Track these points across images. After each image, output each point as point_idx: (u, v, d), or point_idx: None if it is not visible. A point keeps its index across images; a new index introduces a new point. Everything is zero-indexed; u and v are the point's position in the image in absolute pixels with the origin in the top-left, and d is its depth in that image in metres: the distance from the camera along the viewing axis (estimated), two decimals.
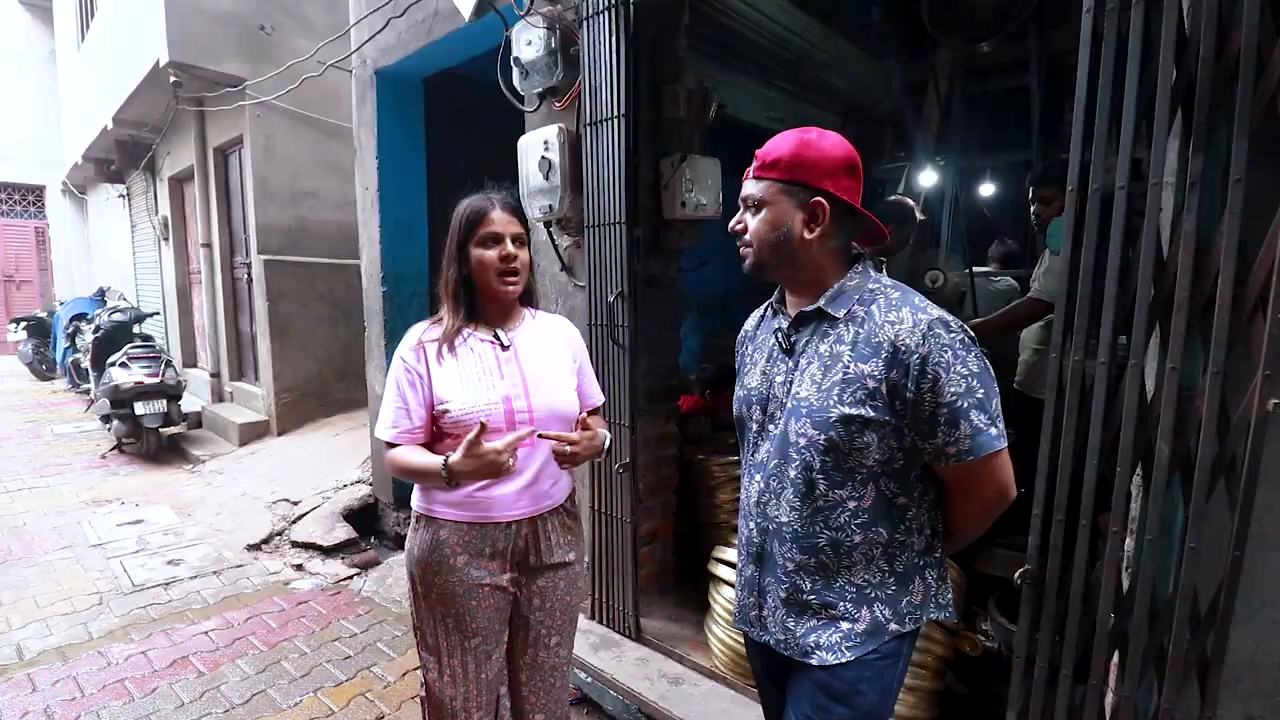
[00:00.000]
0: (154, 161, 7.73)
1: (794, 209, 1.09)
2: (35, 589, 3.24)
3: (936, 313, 1.04)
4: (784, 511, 1.14)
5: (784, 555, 1.16)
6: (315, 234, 5.94)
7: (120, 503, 4.54)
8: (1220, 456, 1.31)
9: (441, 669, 1.47)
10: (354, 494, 4.23)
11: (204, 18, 5.33)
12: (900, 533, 1.12)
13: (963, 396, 1.01)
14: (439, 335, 1.43)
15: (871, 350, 1.04)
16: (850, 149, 1.12)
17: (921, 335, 1.01)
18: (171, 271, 7.66)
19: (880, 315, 1.06)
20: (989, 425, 1.02)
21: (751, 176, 1.14)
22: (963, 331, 1.04)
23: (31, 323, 9.67)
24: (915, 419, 1.04)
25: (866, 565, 1.12)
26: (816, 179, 1.08)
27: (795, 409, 1.11)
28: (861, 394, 1.04)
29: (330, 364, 5.95)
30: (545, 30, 2.45)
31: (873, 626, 1.12)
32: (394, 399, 1.42)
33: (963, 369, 1.01)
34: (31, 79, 11.32)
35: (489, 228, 1.40)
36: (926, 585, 1.16)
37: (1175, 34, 1.30)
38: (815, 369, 1.10)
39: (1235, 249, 1.26)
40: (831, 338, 1.10)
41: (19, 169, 11.55)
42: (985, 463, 1.04)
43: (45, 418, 7.18)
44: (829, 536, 1.11)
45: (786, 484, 1.13)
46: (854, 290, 1.11)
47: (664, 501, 2.77)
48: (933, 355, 1.00)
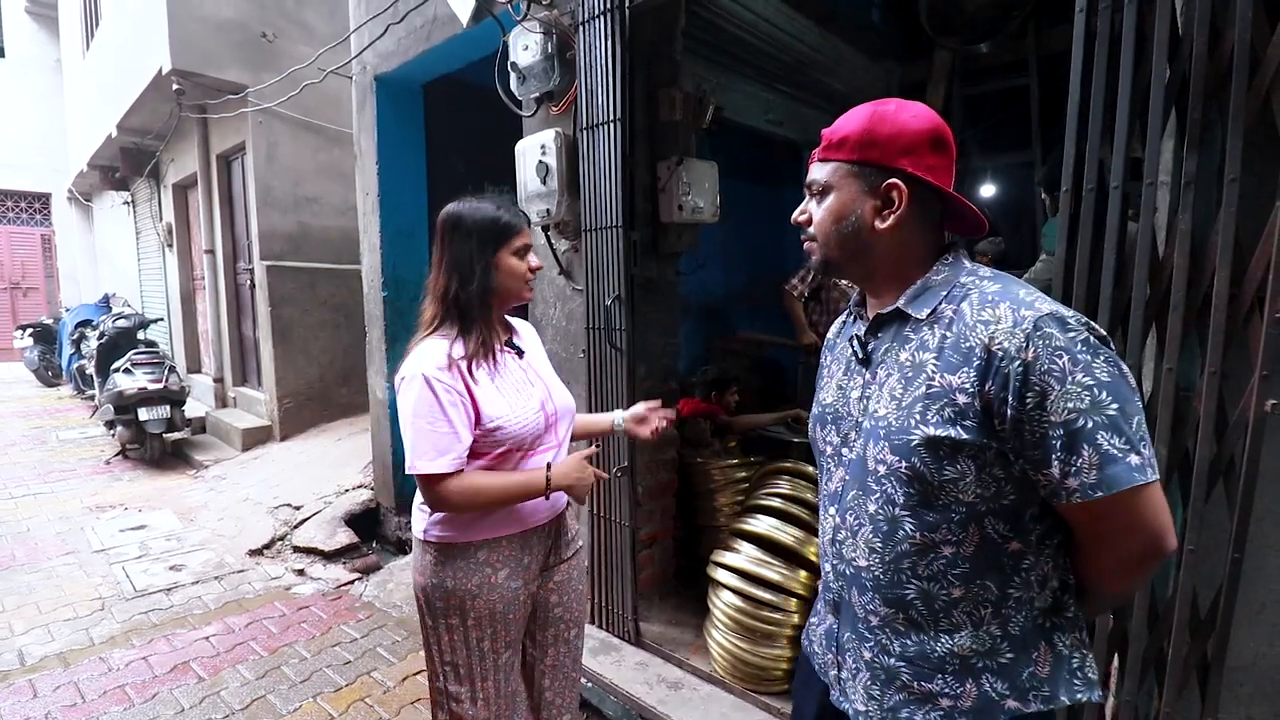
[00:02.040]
0: (158, 168, 7.78)
1: (864, 194, 0.92)
2: (38, 595, 3.25)
3: (1049, 307, 0.81)
4: (863, 554, 0.94)
5: (865, 607, 0.96)
6: (317, 239, 5.97)
7: (123, 508, 4.55)
8: (1218, 458, 1.30)
9: (475, 695, 1.43)
10: (355, 499, 4.24)
11: (206, 25, 5.37)
12: (1015, 587, 0.88)
13: (1085, 414, 0.78)
14: (465, 352, 1.35)
15: (961, 357, 0.84)
16: (937, 120, 0.92)
17: (1025, 336, 0.79)
18: (175, 277, 7.71)
19: (972, 314, 0.85)
20: (1127, 452, 0.78)
21: (817, 159, 0.97)
22: (1085, 329, 0.80)
23: (37, 329, 9.72)
24: (1021, 443, 0.82)
25: (974, 629, 0.89)
26: (892, 157, 0.90)
27: (873, 430, 0.91)
28: (950, 411, 0.84)
29: (332, 369, 5.97)
30: (542, 35, 2.46)
31: (982, 704, 0.89)
32: (436, 423, 1.29)
33: (1085, 378, 0.78)
34: (38, 87, 11.43)
35: (525, 239, 1.43)
36: (1057, 654, 0.90)
37: (1169, 32, 1.30)
38: (895, 382, 0.91)
39: (1231, 248, 1.25)
40: (914, 344, 0.90)
41: (26, 177, 11.65)
42: (1122, 500, 0.79)
43: (50, 424, 7.21)
44: (918, 588, 0.90)
45: (864, 520, 0.94)
46: (941, 285, 0.91)
47: (663, 505, 2.76)
48: (1040, 361, 0.78)
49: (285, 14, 5.70)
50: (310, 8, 5.78)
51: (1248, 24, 1.20)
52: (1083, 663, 0.91)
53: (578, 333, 2.59)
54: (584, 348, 2.52)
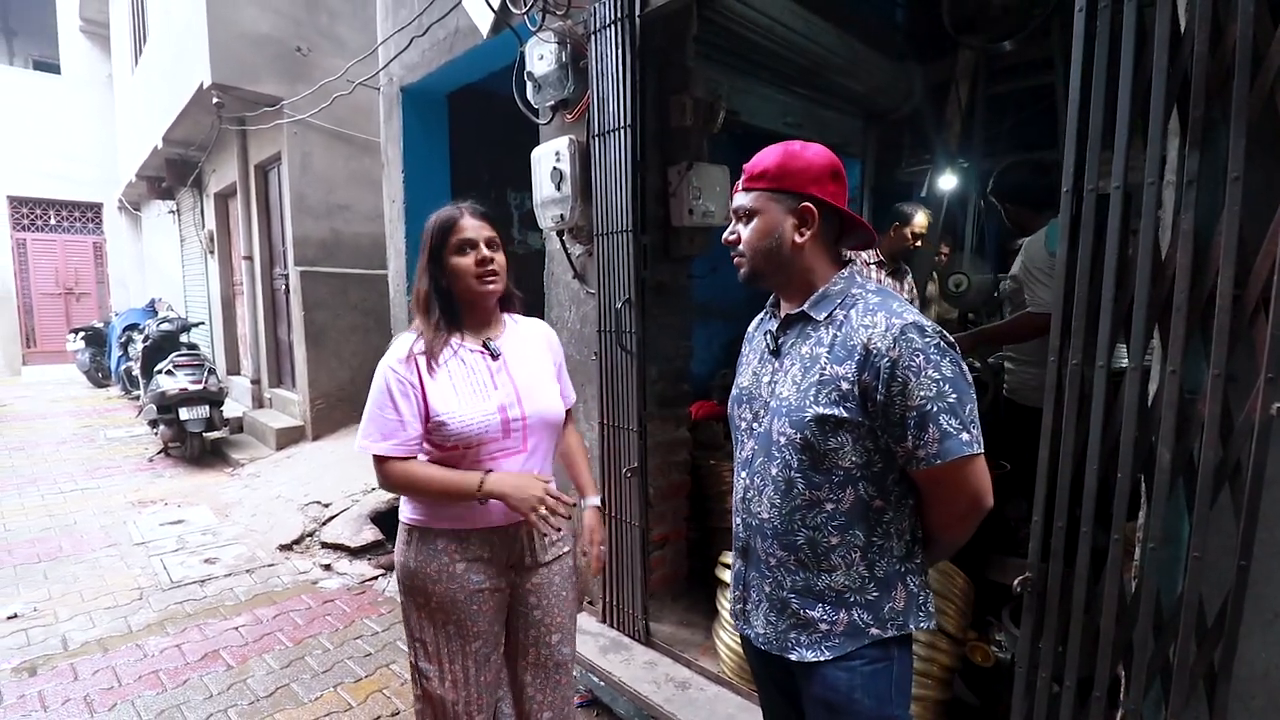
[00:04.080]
0: (201, 178, 8.10)
1: (784, 215, 1.13)
2: (82, 584, 3.42)
3: (912, 317, 1.05)
4: (765, 508, 1.17)
5: (765, 551, 1.19)
6: (349, 246, 6.15)
7: (164, 503, 4.75)
8: (1224, 462, 1.27)
9: (443, 675, 1.48)
10: (381, 497, 4.34)
11: (245, 41, 5.58)
12: (878, 536, 1.13)
13: (933, 400, 1.02)
14: (424, 348, 1.42)
15: (846, 352, 1.07)
16: (833, 156, 1.16)
17: (893, 339, 1.03)
18: (216, 283, 8.01)
19: (857, 319, 1.08)
20: (960, 430, 1.03)
21: (741, 189, 1.19)
22: (938, 336, 1.05)
23: (89, 333, 10.19)
24: (886, 421, 1.05)
25: (846, 570, 1.13)
26: (803, 185, 1.12)
27: (778, 409, 1.14)
28: (835, 395, 1.07)
29: (363, 371, 6.12)
30: (556, 45, 2.51)
31: (850, 629, 1.14)
32: (384, 409, 1.38)
33: (934, 373, 1.02)
34: (91, 103, 11.97)
35: (461, 234, 1.42)
36: (909, 592, 1.16)
37: (1169, 30, 1.28)
38: (796, 370, 1.13)
39: (1235, 248, 1.22)
40: (812, 340, 1.13)
41: (79, 188, 12.21)
42: (956, 467, 1.04)
43: (99, 423, 7.56)
44: (806, 535, 1.13)
45: (768, 481, 1.16)
46: (837, 295, 1.14)
47: (675, 506, 2.78)
48: (903, 359, 1.02)
49: (319, 29, 5.90)
50: (342, 22, 5.97)
51: (1250, 20, 1.18)
52: (926, 599, 1.18)
53: (591, 336, 2.63)
54: (596, 350, 2.56)
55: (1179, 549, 1.38)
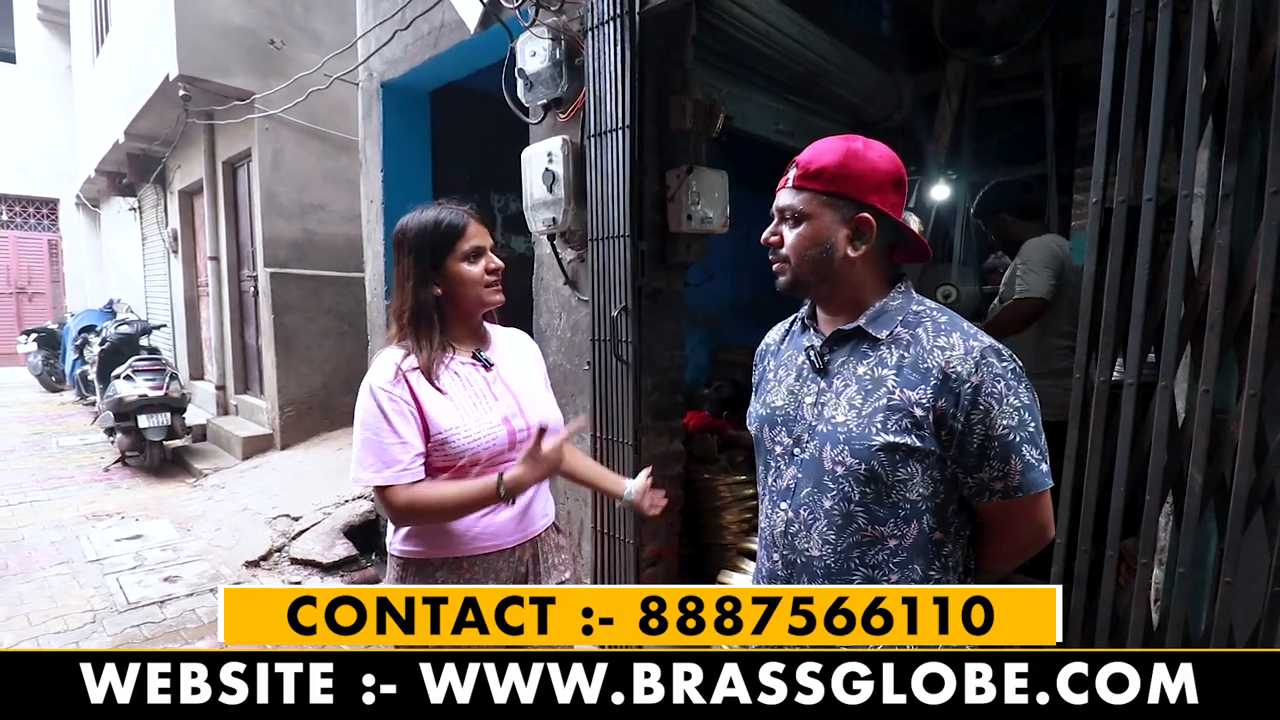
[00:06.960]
0: (164, 175, 7.79)
1: (838, 224, 1.02)
2: (29, 605, 3.19)
3: (989, 341, 0.99)
4: (816, 544, 1.06)
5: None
6: (322, 247, 5.94)
7: (120, 517, 4.50)
8: (1258, 485, 1.23)
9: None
10: (355, 510, 4.17)
11: (214, 32, 5.37)
12: (935, 570, 1.05)
13: (1015, 430, 0.96)
14: (417, 364, 1.31)
15: (920, 376, 0.98)
16: (899, 162, 1.05)
17: (975, 363, 0.96)
18: (180, 284, 7.70)
19: (929, 340, 1.00)
20: (1040, 461, 0.98)
21: (790, 186, 1.06)
22: (1014, 361, 0.99)
23: (42, 334, 9.71)
24: (961, 451, 0.98)
25: None
26: (863, 192, 1.01)
27: (831, 434, 1.03)
28: (908, 422, 0.97)
29: (335, 377, 5.92)
30: (550, 41, 2.42)
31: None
32: (381, 434, 1.26)
33: (1015, 400, 0.96)
34: (48, 93, 11.49)
35: (472, 241, 1.34)
36: None
37: (1205, 39, 1.24)
38: (854, 392, 1.03)
39: (1272, 264, 1.19)
40: (872, 360, 1.03)
41: (35, 182, 11.70)
42: (1031, 500, 0.99)
43: (51, 430, 7.18)
44: (864, 574, 1.03)
45: (819, 515, 1.05)
46: (897, 311, 1.04)
47: (668, 522, 2.68)
48: (986, 385, 0.95)
49: (293, 21, 5.71)
50: (318, 15, 5.79)
51: None
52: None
53: (583, 344, 2.53)
54: (589, 360, 2.46)
55: (1205, 574, 1.34)
